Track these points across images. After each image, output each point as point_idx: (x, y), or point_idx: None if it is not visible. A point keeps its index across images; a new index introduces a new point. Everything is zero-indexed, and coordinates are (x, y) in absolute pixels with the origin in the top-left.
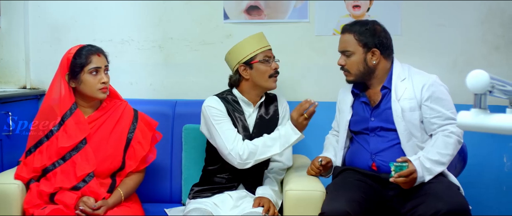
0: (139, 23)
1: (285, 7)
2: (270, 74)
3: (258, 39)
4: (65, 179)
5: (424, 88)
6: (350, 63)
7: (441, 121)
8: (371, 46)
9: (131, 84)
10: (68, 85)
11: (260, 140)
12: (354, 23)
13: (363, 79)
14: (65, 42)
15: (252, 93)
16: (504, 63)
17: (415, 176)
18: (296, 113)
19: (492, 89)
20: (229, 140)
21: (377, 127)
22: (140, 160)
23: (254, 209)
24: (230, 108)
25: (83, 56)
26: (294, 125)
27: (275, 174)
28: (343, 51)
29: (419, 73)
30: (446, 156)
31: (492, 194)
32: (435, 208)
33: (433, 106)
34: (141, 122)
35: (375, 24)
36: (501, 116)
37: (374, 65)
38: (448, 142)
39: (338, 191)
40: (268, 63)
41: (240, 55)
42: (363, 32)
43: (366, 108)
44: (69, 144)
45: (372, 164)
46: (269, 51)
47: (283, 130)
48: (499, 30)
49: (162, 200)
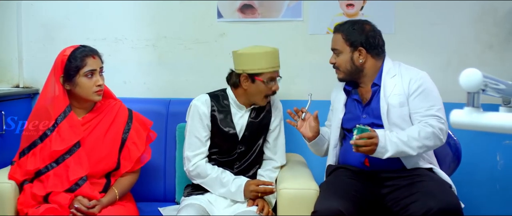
0: (133, 22)
1: (279, 5)
2: (266, 94)
3: (271, 58)
4: (58, 183)
5: (411, 82)
6: (339, 61)
7: (422, 117)
8: (357, 45)
9: (124, 83)
10: (62, 88)
11: (215, 174)
12: (345, 22)
13: (353, 77)
14: (58, 41)
15: (246, 100)
16: (498, 61)
17: (375, 142)
18: (254, 185)
19: (485, 88)
20: (191, 147)
21: (368, 124)
22: (135, 160)
23: (249, 208)
24: (218, 107)
25: (78, 59)
26: (244, 189)
27: (269, 172)
28: (333, 50)
29: (409, 69)
30: (415, 141)
31: (485, 192)
32: (427, 206)
33: (417, 100)
34: (136, 122)
35: (365, 24)
36: (494, 115)
37: (361, 63)
38: (422, 130)
39: (331, 190)
40: (270, 84)
41: (248, 65)
42: (350, 31)
43: (358, 106)
44: (62, 148)
45: (365, 160)
46: (277, 72)
47: (234, 187)
48: (493, 29)
49: (156, 199)
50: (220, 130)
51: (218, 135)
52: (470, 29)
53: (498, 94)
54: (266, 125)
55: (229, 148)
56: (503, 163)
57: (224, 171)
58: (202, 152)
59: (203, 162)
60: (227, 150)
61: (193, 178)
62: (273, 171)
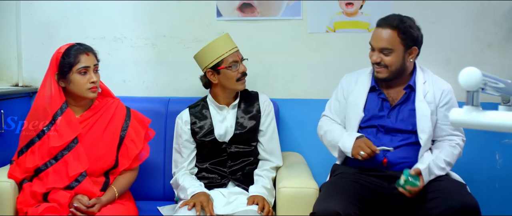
0: (132, 21)
1: (278, 4)
2: (237, 78)
3: (224, 42)
4: (58, 179)
5: (443, 94)
6: (389, 60)
7: (451, 130)
8: (412, 45)
9: (124, 82)
10: (57, 85)
11: (185, 184)
12: (395, 18)
13: (395, 76)
14: (57, 40)
15: (224, 95)
16: (497, 60)
17: (421, 188)
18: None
19: (485, 86)
20: (174, 163)
21: (392, 127)
22: (133, 158)
23: (249, 207)
24: (198, 119)
25: (72, 56)
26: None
27: (267, 172)
28: (382, 48)
29: (438, 79)
30: (449, 165)
31: (484, 191)
32: (448, 204)
33: (447, 112)
34: (134, 119)
35: (414, 22)
36: (493, 113)
37: (410, 64)
38: (453, 153)
39: (331, 191)
40: (235, 67)
41: (207, 60)
42: (407, 29)
43: (384, 105)
44: (60, 144)
45: (384, 159)
46: (236, 54)
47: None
48: (492, 27)
49: (155, 197)
50: (202, 140)
51: (201, 144)
52: (469, 28)
53: (497, 92)
54: (256, 125)
55: (217, 150)
56: (502, 162)
57: (192, 181)
58: (183, 167)
59: (180, 172)
60: (216, 153)
61: (173, 186)
62: (270, 171)
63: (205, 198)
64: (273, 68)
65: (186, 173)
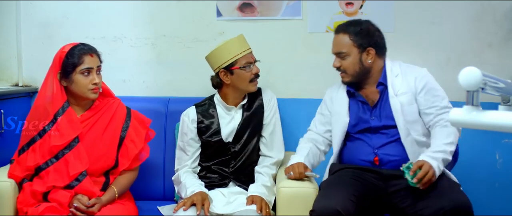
0: (132, 21)
1: (278, 4)
2: (250, 79)
3: (238, 43)
4: (58, 178)
5: (417, 80)
6: (346, 64)
7: (436, 111)
8: (366, 46)
9: (124, 82)
10: (59, 84)
11: (187, 182)
12: (347, 23)
13: (360, 79)
14: (57, 39)
15: (234, 96)
16: (497, 60)
17: (428, 166)
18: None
19: (484, 86)
20: (178, 161)
21: (379, 126)
22: (133, 158)
23: (249, 207)
24: (205, 118)
25: (76, 56)
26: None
27: (267, 168)
28: (338, 53)
29: (410, 67)
30: (451, 145)
31: (484, 191)
32: (439, 204)
33: (427, 96)
34: (134, 120)
35: (368, 24)
36: (493, 113)
37: (369, 64)
38: (448, 132)
39: (330, 189)
40: (248, 68)
41: (221, 60)
42: (358, 32)
43: (365, 108)
44: (61, 143)
45: (375, 158)
46: (250, 55)
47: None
48: (492, 27)
49: (155, 197)
50: (207, 140)
51: (207, 144)
52: (469, 27)
53: (497, 92)
54: (260, 120)
55: (221, 150)
56: (502, 162)
57: (193, 180)
58: (186, 165)
59: (183, 170)
60: (220, 152)
61: (174, 183)
62: (270, 168)
63: (200, 197)
64: (273, 68)
65: (189, 171)
